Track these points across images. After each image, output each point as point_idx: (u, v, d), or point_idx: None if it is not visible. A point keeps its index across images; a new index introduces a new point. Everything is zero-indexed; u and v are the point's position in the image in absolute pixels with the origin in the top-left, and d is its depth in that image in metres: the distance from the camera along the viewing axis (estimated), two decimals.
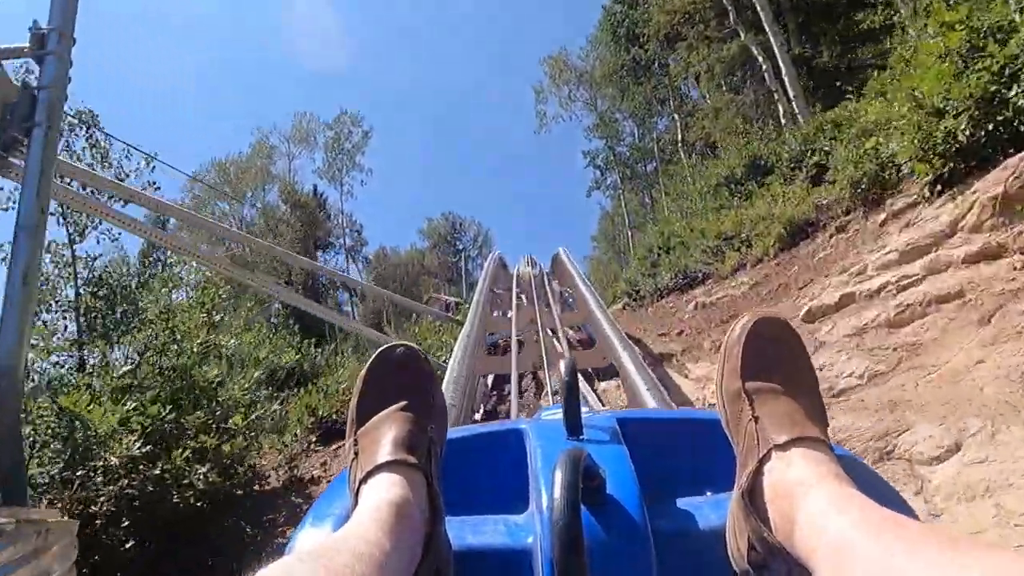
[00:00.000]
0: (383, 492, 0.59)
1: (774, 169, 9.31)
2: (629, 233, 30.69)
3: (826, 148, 7.34)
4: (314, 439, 5.71)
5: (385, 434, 0.67)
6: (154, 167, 6.35)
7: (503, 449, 0.86)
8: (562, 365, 0.83)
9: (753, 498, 0.60)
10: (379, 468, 0.63)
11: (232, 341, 4.71)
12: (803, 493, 0.55)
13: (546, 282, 10.03)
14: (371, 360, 0.75)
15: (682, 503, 0.71)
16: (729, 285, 7.66)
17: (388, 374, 0.74)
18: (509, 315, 7.61)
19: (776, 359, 0.69)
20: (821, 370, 4.07)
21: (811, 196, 7.71)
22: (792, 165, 8.98)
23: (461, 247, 55.10)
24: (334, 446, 6.08)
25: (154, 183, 6.47)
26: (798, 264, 6.32)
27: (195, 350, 4.29)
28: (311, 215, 31.45)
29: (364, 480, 0.63)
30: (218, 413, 4.09)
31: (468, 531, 0.68)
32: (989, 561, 0.38)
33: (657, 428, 0.92)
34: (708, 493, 0.76)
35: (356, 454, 0.68)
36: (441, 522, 0.61)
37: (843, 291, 4.79)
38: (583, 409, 0.81)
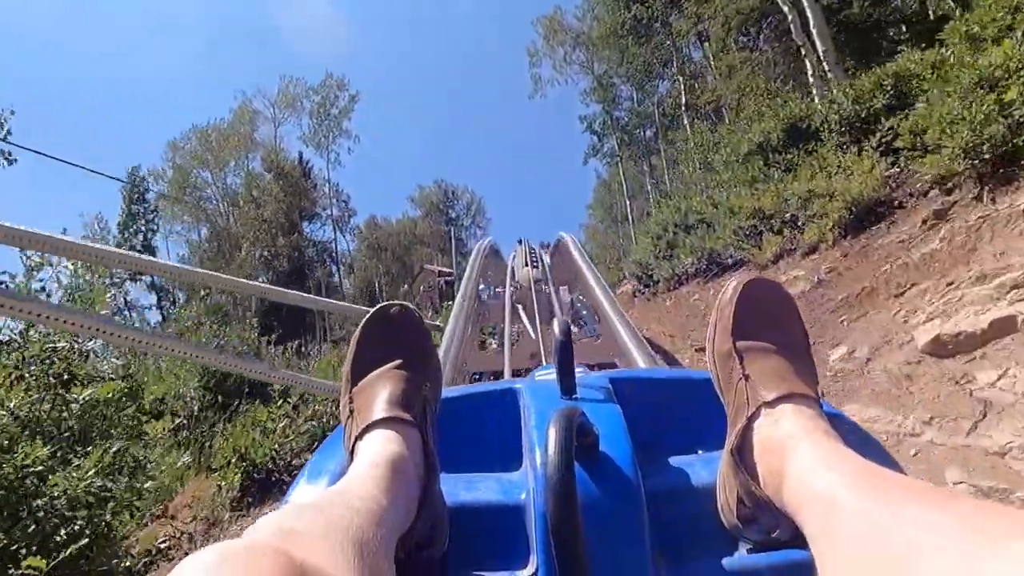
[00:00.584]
0: (379, 448, 0.59)
1: (819, 134, 7.57)
2: (628, 202, 29.02)
3: (920, 104, 5.60)
4: (228, 515, 4.09)
5: (380, 391, 0.66)
6: (8, 132, 4.56)
7: (497, 408, 0.83)
8: (555, 324, 0.78)
9: (742, 454, 0.60)
10: (374, 425, 0.62)
11: (86, 392, 3.04)
12: (791, 448, 0.55)
13: (550, 284, 8.12)
14: (366, 318, 0.72)
15: (674, 461, 0.71)
16: (780, 281, 6.04)
17: (383, 332, 0.72)
18: (502, 326, 5.83)
19: (768, 319, 0.68)
20: (1003, 455, 2.50)
21: (877, 168, 6.06)
22: (845, 129, 7.27)
23: (454, 215, 53.17)
24: (269, 508, 4.49)
25: (8, 154, 4.67)
26: (887, 261, 4.68)
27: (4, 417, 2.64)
28: (295, 184, 29.46)
29: (360, 437, 0.62)
30: (33, 528, 2.47)
31: (462, 488, 0.67)
32: (966, 510, 0.37)
33: (650, 388, 0.87)
34: (700, 452, 0.75)
35: (351, 412, 0.66)
36: (436, 478, 0.61)
37: (994, 312, 3.18)
38: (576, 370, 0.78)
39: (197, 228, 34.70)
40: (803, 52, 12.18)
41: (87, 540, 2.34)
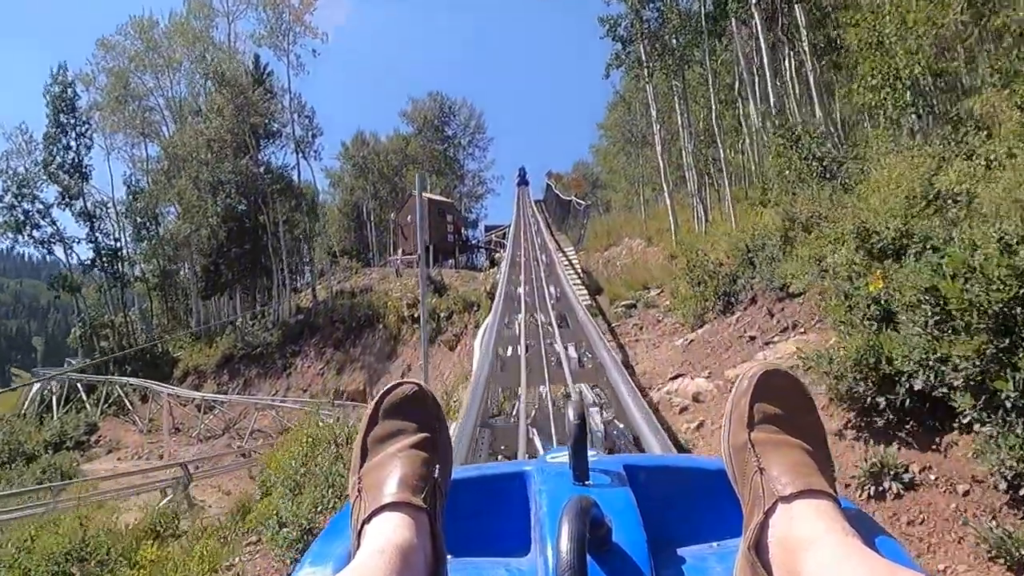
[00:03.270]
0: (387, 533, 0.54)
1: None
2: (657, 127, 21.92)
3: None
4: None
5: (390, 473, 0.60)
6: None
7: (507, 491, 0.78)
8: (570, 409, 0.73)
9: (759, 552, 0.56)
10: (383, 508, 0.57)
11: None
12: (808, 547, 0.51)
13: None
14: (378, 396, 0.68)
15: (687, 552, 0.68)
16: None
17: (395, 411, 0.67)
18: None
19: (784, 411, 0.63)
20: None
21: None
22: None
23: (451, 133, 45.39)
24: None
25: None
26: None
27: None
28: (245, 94, 22.14)
29: (367, 520, 0.57)
30: None
31: (471, 575, 0.63)
32: None
33: (664, 476, 0.81)
34: (714, 544, 0.71)
35: (360, 492, 0.61)
36: (444, 566, 0.57)
37: None
38: (590, 453, 0.72)
39: (144, 143, 27.57)
40: None
41: None
